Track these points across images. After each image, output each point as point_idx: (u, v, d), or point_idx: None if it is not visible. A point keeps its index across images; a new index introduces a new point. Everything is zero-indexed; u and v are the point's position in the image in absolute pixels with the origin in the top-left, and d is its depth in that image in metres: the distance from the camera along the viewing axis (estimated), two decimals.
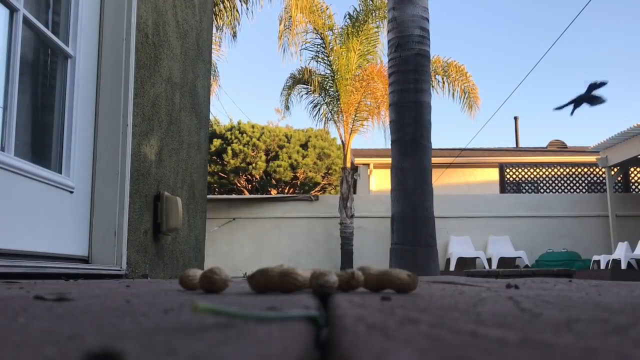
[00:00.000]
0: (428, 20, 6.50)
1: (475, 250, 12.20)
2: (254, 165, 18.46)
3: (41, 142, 2.59)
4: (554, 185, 14.14)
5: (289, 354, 0.37)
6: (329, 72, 13.26)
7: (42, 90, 2.69)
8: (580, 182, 14.17)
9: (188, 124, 3.85)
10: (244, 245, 12.73)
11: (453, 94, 13.36)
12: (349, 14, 12.81)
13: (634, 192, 13.47)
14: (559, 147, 20.36)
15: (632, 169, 13.58)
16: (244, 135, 18.93)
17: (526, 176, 14.33)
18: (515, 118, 23.00)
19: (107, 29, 2.82)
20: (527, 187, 14.33)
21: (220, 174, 18.74)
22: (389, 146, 6.67)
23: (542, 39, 54.51)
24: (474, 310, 0.67)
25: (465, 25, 57.77)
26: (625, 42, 55.99)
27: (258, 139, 18.82)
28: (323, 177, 19.45)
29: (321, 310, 0.73)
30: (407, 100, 6.25)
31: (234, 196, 15.20)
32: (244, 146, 18.64)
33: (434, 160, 6.63)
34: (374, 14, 12.63)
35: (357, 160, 16.86)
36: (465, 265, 11.82)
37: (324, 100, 13.63)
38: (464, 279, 2.51)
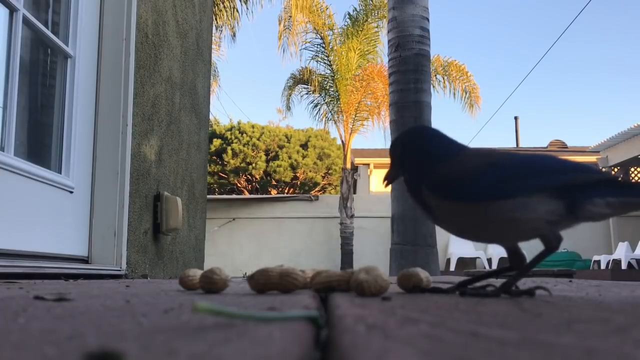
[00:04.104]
0: (428, 19, 6.50)
1: (476, 250, 12.20)
2: (254, 165, 18.46)
3: (41, 142, 2.59)
4: None
5: (289, 354, 0.37)
6: (329, 72, 13.25)
7: (42, 90, 2.69)
8: None
9: (188, 124, 3.85)
10: (244, 245, 12.73)
11: (454, 94, 13.35)
12: (349, 14, 12.80)
13: None
14: (560, 147, 20.36)
15: (632, 169, 13.57)
16: (244, 135, 18.93)
17: None
18: (516, 118, 23.00)
19: (107, 28, 2.82)
20: None
21: (220, 174, 18.74)
22: (389, 146, 6.67)
23: (542, 38, 54.49)
24: (474, 310, 0.67)
25: (466, 25, 57.78)
26: (626, 40, 55.97)
27: (258, 139, 18.82)
28: (323, 177, 19.45)
29: (321, 310, 0.73)
30: (407, 100, 6.24)
31: (234, 196, 15.20)
32: (244, 146, 18.64)
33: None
34: (374, 14, 12.62)
35: (357, 160, 16.85)
36: (465, 265, 11.81)
37: (324, 100, 13.62)
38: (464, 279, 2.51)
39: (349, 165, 12.92)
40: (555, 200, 0.92)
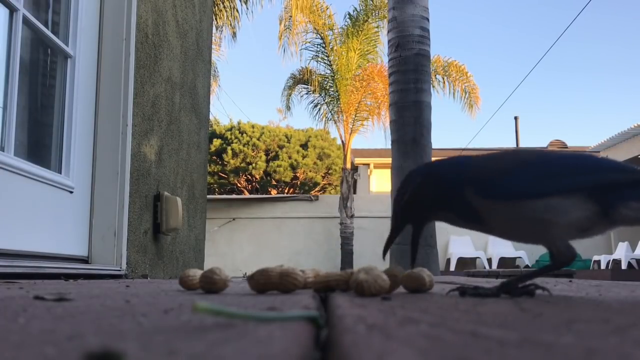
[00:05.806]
0: (428, 19, 6.50)
1: (476, 250, 12.20)
2: (254, 165, 18.46)
3: (41, 142, 2.59)
4: None
5: (289, 354, 0.37)
6: (329, 72, 13.25)
7: (42, 90, 2.69)
8: None
9: (188, 124, 3.85)
10: (244, 245, 12.73)
11: (454, 94, 13.35)
12: (349, 14, 12.80)
13: None
14: (560, 147, 20.37)
15: None
16: (244, 135, 18.93)
17: None
18: (516, 118, 22.97)
19: (107, 28, 2.82)
20: None
21: (220, 174, 18.73)
22: (389, 146, 6.67)
23: (542, 38, 54.54)
24: (474, 310, 0.67)
25: (466, 25, 57.81)
26: (626, 40, 56.00)
27: (258, 139, 18.81)
28: (323, 177, 19.45)
29: (321, 310, 0.73)
30: (407, 100, 6.24)
31: (234, 196, 15.20)
32: (244, 146, 18.64)
33: (434, 160, 6.62)
34: (374, 14, 12.62)
35: (357, 160, 16.85)
36: (466, 265, 11.81)
37: (324, 100, 13.62)
38: (464, 279, 2.51)
39: (349, 165, 12.92)
40: (585, 203, 0.87)
